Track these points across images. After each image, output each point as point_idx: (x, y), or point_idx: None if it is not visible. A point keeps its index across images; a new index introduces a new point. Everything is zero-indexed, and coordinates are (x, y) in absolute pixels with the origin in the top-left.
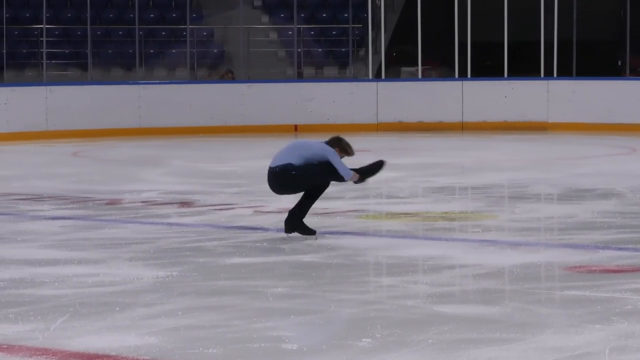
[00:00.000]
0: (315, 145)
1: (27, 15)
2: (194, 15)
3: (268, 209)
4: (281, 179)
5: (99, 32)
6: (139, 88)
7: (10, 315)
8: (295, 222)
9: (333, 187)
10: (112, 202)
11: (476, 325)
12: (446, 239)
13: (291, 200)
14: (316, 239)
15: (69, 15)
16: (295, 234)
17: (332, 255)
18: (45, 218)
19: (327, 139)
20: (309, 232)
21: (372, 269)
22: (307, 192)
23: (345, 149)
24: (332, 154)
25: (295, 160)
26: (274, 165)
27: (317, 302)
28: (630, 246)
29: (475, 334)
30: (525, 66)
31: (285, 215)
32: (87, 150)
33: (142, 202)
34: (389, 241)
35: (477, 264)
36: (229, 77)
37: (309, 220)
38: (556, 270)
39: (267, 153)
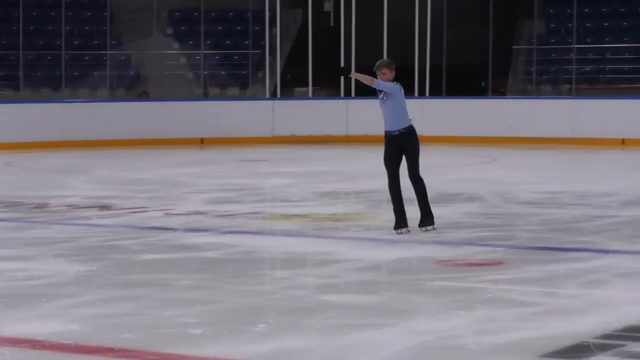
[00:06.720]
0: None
1: None
2: (114, 42)
3: (177, 212)
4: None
5: (29, 57)
6: (64, 106)
7: None
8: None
9: (233, 192)
10: (40, 206)
11: (357, 311)
12: (332, 237)
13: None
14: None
15: (4, 42)
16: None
17: (233, 251)
18: None
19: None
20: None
21: (267, 264)
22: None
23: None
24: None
25: None
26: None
27: (219, 293)
28: (490, 242)
29: (357, 319)
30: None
31: (192, 217)
32: (19, 161)
33: (66, 205)
34: (283, 239)
35: (358, 259)
36: (144, 96)
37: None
38: (427, 264)
39: (177, 162)
